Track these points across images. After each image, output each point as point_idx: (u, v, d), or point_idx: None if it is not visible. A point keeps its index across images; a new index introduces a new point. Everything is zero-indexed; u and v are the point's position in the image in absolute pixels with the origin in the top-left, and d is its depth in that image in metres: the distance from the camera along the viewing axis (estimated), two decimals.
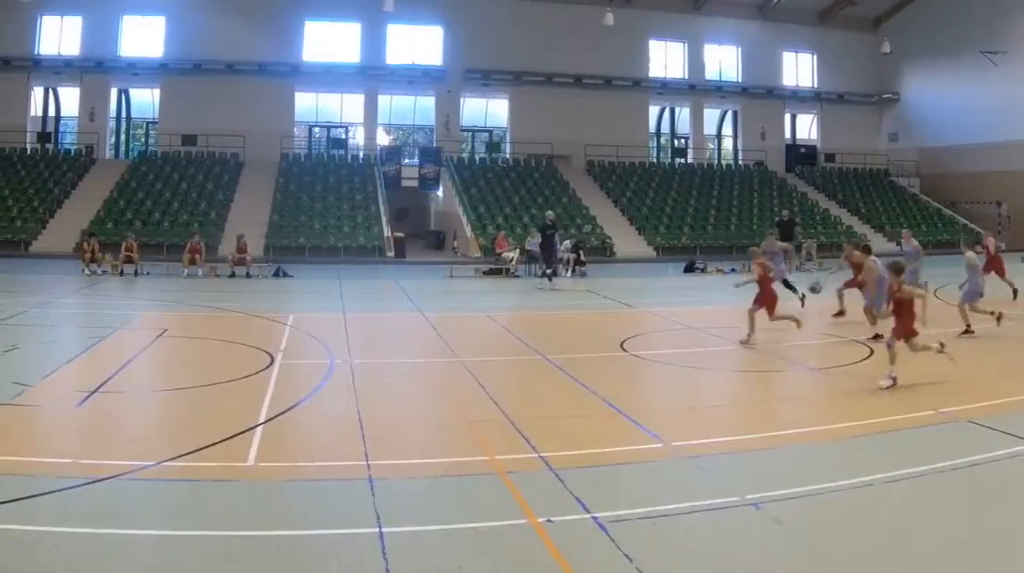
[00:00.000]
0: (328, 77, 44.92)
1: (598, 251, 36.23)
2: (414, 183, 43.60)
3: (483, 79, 46.10)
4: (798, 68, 51.91)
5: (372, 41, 45.22)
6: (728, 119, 52.79)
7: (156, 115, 44.85)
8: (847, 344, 14.53)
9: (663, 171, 47.73)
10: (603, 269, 32.14)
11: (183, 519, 6.45)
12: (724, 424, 9.94)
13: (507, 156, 47.10)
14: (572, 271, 29.82)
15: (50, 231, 34.82)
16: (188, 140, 42.21)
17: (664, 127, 52.67)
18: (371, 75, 45.12)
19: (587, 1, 44.80)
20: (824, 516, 6.73)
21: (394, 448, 8.46)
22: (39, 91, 43.81)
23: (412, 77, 45.49)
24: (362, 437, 8.64)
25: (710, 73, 50.38)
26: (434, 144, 46.06)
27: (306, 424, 9.53)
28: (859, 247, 17.20)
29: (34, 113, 43.69)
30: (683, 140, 52.13)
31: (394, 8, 41.31)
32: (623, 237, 39.17)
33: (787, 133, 53.07)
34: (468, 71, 45.56)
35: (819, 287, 17.72)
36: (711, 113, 52.38)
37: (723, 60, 50.76)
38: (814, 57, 51.79)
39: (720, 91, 50.44)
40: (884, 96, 51.94)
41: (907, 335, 11.20)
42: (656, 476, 7.76)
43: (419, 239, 42.43)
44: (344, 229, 36.94)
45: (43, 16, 42.06)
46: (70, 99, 43.89)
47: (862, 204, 46.35)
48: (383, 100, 46.81)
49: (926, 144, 49.60)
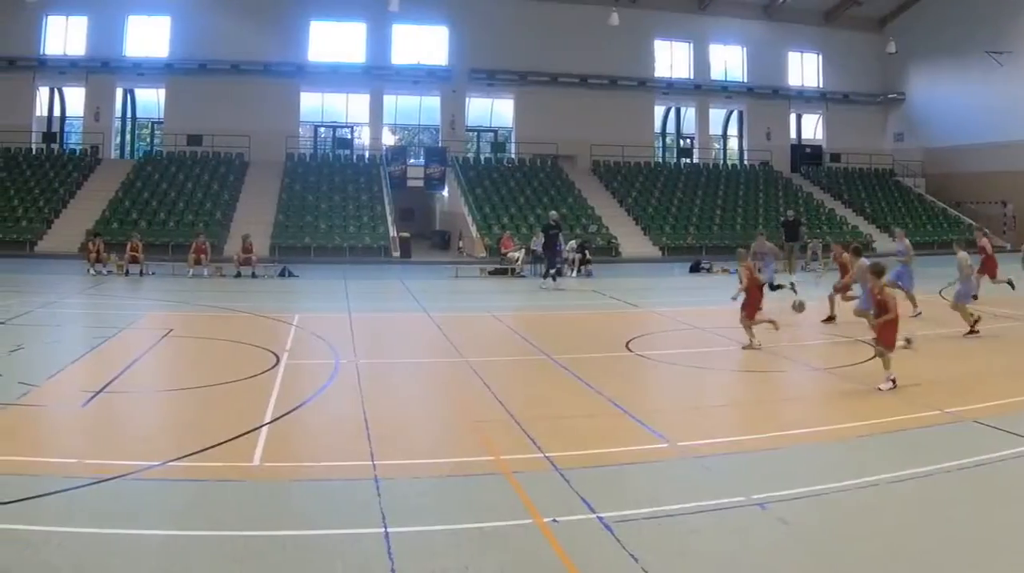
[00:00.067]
0: (333, 77, 44.96)
1: (603, 251, 36.21)
2: (419, 183, 43.63)
3: (488, 79, 46.11)
4: (803, 68, 51.86)
5: (377, 41, 45.23)
6: (733, 119, 52.76)
7: (161, 115, 44.96)
8: (851, 344, 14.48)
9: (668, 171, 47.69)
10: (608, 269, 32.11)
11: (189, 519, 6.46)
12: (729, 424, 9.94)
13: (512, 156, 47.09)
14: (577, 271, 29.81)
15: (55, 231, 34.88)
16: (193, 140, 42.26)
17: (670, 127, 52.64)
18: (376, 75, 45.13)
19: (592, 1, 44.81)
20: (830, 516, 6.72)
21: (400, 448, 8.46)
22: (44, 91, 43.82)
23: (417, 77, 45.51)
24: (368, 437, 8.65)
25: (715, 73, 50.33)
26: (439, 144, 46.01)
27: (312, 424, 9.53)
28: (848, 248, 17.15)
29: (39, 113, 43.72)
30: (688, 140, 52.07)
31: (399, 8, 41.48)
32: (628, 237, 39.14)
33: (792, 133, 53.03)
34: (473, 71, 45.56)
35: (802, 306, 17.09)
36: (716, 113, 52.30)
37: (728, 60, 50.74)
38: (819, 57, 51.74)
39: (725, 91, 50.42)
40: (889, 96, 51.86)
41: (890, 343, 11.06)
42: (662, 476, 7.77)
43: (424, 239, 42.42)
44: (349, 229, 36.94)
45: (48, 16, 42.14)
46: (75, 99, 43.91)
47: (867, 204, 46.26)
48: (388, 100, 46.83)
49: (932, 144, 49.52)
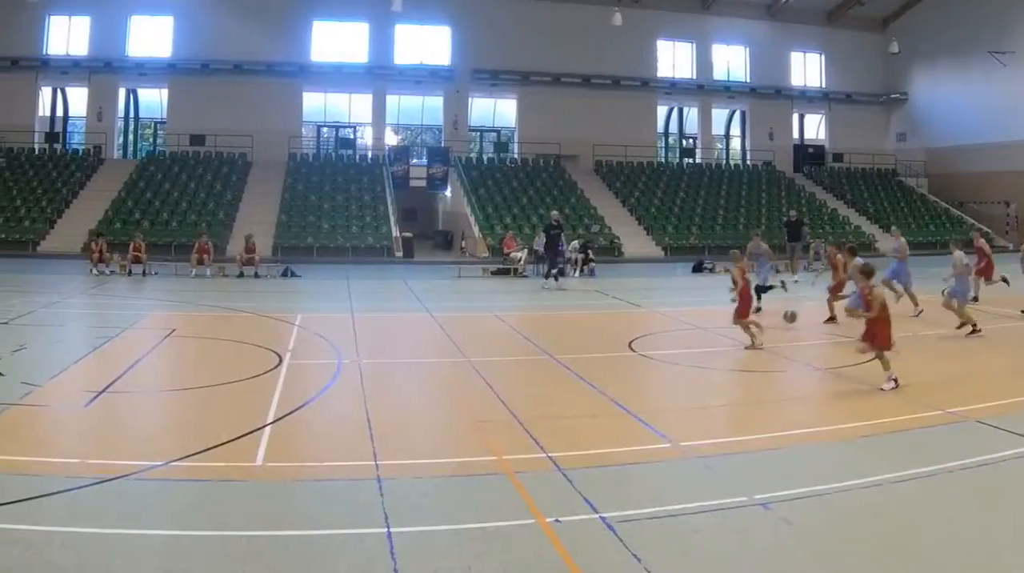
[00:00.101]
0: (336, 77, 45.00)
1: (606, 251, 36.19)
2: (422, 183, 43.64)
3: (491, 79, 46.11)
4: (806, 68, 51.83)
5: (380, 41, 45.26)
6: (736, 119, 52.74)
7: (164, 115, 45.04)
8: (853, 344, 14.41)
9: (671, 171, 47.70)
10: (611, 269, 32.09)
11: (191, 519, 6.46)
12: (732, 424, 9.94)
13: (515, 156, 47.10)
14: (580, 271, 29.80)
15: (58, 231, 34.91)
16: (196, 140, 42.31)
17: (672, 127, 52.66)
18: (379, 75, 45.16)
19: (595, 1, 44.80)
20: (832, 516, 6.71)
21: (402, 448, 8.46)
22: (47, 91, 43.89)
23: (420, 77, 45.54)
24: (370, 437, 8.65)
25: (718, 73, 50.34)
26: (442, 144, 46.03)
27: (314, 424, 9.53)
28: (843, 248, 17.11)
29: (42, 113, 43.79)
30: (691, 140, 52.08)
31: (402, 8, 41.48)
32: (631, 237, 39.13)
33: (795, 133, 53.02)
34: (476, 71, 45.57)
35: (793, 316, 16.77)
36: (719, 113, 52.33)
37: (731, 60, 50.75)
38: (822, 57, 51.71)
39: (728, 91, 50.41)
40: (892, 96, 51.82)
41: (885, 343, 11.06)
42: (664, 476, 7.76)
43: (427, 239, 42.44)
44: (352, 229, 36.95)
45: (51, 16, 42.20)
46: (78, 99, 44.03)
47: (870, 204, 46.22)
48: (391, 100, 46.85)
49: (934, 144, 49.48)
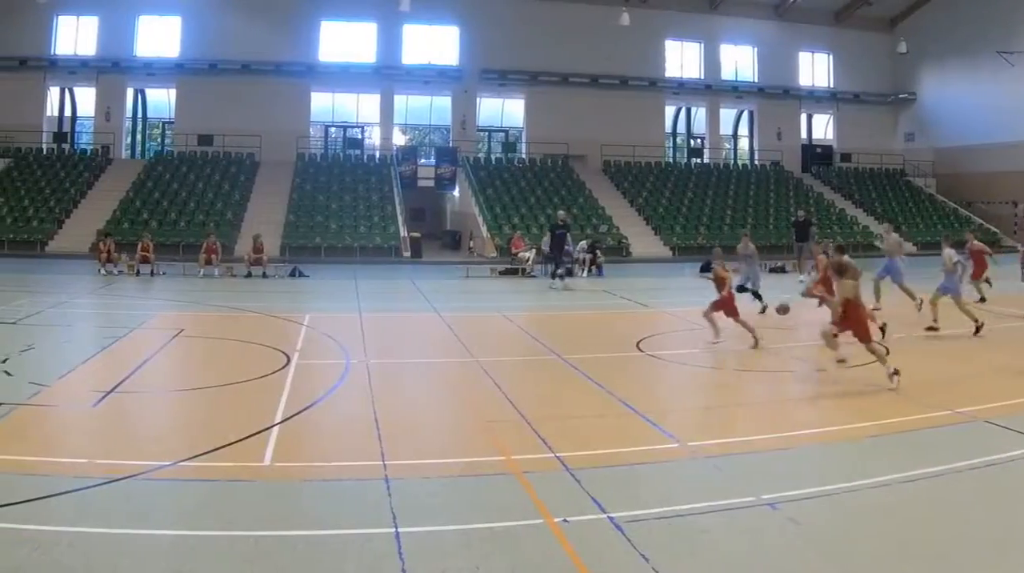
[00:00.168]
0: (344, 77, 45.07)
1: (614, 251, 36.17)
2: (430, 183, 43.70)
3: (499, 79, 46.14)
4: (814, 68, 51.74)
5: (388, 41, 45.33)
6: (744, 119, 52.68)
7: (172, 115, 45.16)
8: (860, 344, 14.39)
9: (679, 171, 47.68)
10: (619, 269, 32.06)
11: (199, 519, 6.46)
12: (740, 424, 9.91)
13: (523, 156, 47.13)
14: (588, 271, 29.79)
15: (66, 231, 35.03)
16: (204, 140, 42.42)
17: (680, 127, 52.62)
18: (387, 75, 45.22)
19: (603, 1, 44.77)
20: (840, 516, 6.69)
21: (410, 448, 8.45)
22: (55, 91, 44.11)
23: (428, 77, 45.58)
24: (378, 437, 8.63)
25: (726, 73, 50.29)
26: (450, 144, 46.09)
27: (322, 424, 9.53)
28: (828, 249, 16.97)
29: (50, 113, 44.01)
30: (699, 140, 52.07)
31: (410, 8, 41.53)
32: (639, 237, 39.11)
33: (803, 133, 52.92)
34: (484, 71, 45.60)
35: (786, 309, 16.71)
36: (727, 113, 52.25)
37: (739, 60, 50.70)
38: (830, 57, 51.62)
39: (736, 91, 50.36)
40: (900, 96, 51.67)
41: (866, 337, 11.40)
42: (672, 476, 7.74)
43: (435, 239, 42.48)
44: (360, 229, 36.98)
45: (59, 16, 42.39)
46: (86, 99, 44.18)
47: (878, 204, 46.11)
48: (399, 100, 46.93)
49: (942, 144, 49.33)
